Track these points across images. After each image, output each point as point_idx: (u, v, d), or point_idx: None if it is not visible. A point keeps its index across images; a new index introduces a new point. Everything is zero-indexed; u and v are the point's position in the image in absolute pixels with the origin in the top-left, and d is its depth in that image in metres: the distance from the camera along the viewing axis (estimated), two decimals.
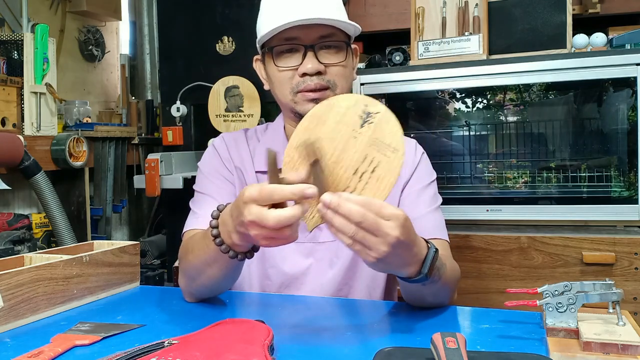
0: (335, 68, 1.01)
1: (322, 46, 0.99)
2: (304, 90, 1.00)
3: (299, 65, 0.99)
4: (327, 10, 0.99)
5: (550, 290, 0.76)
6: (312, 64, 0.98)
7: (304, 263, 1.08)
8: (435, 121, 1.94)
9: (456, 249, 1.74)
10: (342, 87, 1.03)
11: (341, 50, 1.02)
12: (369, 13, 2.29)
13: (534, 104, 1.83)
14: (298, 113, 1.03)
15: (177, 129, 2.40)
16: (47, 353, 0.71)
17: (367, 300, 1.09)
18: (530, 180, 1.81)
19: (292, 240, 0.72)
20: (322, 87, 1.00)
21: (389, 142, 0.74)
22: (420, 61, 1.92)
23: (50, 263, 0.91)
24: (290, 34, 0.98)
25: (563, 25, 1.84)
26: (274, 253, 1.08)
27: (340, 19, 0.99)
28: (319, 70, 0.99)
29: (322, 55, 0.99)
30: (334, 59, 1.01)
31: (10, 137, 1.96)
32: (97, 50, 2.90)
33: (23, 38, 2.12)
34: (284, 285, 1.08)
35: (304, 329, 0.84)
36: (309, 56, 0.98)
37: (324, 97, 1.00)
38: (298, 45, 0.99)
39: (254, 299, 1.05)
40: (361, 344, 0.77)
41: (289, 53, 1.00)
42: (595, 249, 1.62)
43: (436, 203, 1.12)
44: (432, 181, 1.13)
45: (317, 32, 0.98)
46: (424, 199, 1.10)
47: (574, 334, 0.74)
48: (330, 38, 0.99)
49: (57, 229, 2.13)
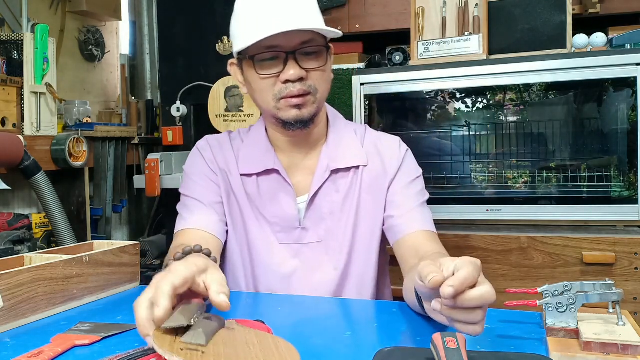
0: (316, 73, 1.01)
1: (302, 52, 0.99)
2: (287, 96, 1.00)
3: (281, 73, 0.99)
4: (307, 16, 0.99)
5: (550, 290, 0.76)
6: (295, 71, 0.98)
7: (290, 264, 1.08)
8: (435, 121, 1.94)
9: (456, 248, 1.74)
10: (322, 90, 1.03)
11: (321, 54, 1.02)
12: (369, 13, 2.29)
13: (534, 104, 1.83)
14: (281, 119, 1.03)
15: (177, 129, 2.40)
16: (47, 353, 0.71)
17: (367, 300, 1.09)
18: (530, 180, 1.81)
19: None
20: (304, 92, 1.00)
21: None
22: (420, 61, 1.92)
23: (50, 263, 0.91)
24: (271, 42, 0.97)
25: (563, 25, 1.84)
26: (261, 254, 1.09)
27: (320, 24, 0.99)
28: (301, 77, 0.99)
29: (303, 61, 0.99)
30: (315, 64, 1.01)
31: (10, 137, 1.96)
32: (97, 50, 2.90)
33: (23, 38, 2.12)
34: (273, 285, 1.08)
35: (304, 329, 0.84)
36: (291, 63, 0.98)
37: (305, 102, 1.01)
38: (279, 53, 0.98)
39: (254, 299, 1.05)
40: (361, 344, 0.77)
41: (270, 61, 1.00)
42: (595, 249, 1.62)
43: (424, 197, 1.12)
44: (418, 176, 1.14)
45: (298, 39, 0.98)
46: (412, 193, 1.10)
47: (574, 334, 0.73)
48: (311, 44, 0.99)
49: (57, 229, 2.13)
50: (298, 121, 1.02)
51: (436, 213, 1.84)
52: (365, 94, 1.90)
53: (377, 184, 1.10)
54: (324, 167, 1.08)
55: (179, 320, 0.63)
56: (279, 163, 1.09)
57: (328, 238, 1.08)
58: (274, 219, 1.09)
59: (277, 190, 1.09)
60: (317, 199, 1.08)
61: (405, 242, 1.05)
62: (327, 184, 1.08)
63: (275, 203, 1.08)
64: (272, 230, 1.09)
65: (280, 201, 1.08)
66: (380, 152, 1.12)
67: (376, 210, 1.10)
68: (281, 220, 1.08)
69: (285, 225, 1.09)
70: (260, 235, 1.09)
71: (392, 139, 1.16)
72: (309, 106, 1.02)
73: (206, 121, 2.29)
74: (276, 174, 1.09)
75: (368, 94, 1.91)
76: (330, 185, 1.09)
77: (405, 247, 1.05)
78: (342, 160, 1.09)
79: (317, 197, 1.08)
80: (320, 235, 1.08)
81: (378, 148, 1.13)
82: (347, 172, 1.10)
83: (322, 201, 1.08)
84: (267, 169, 1.09)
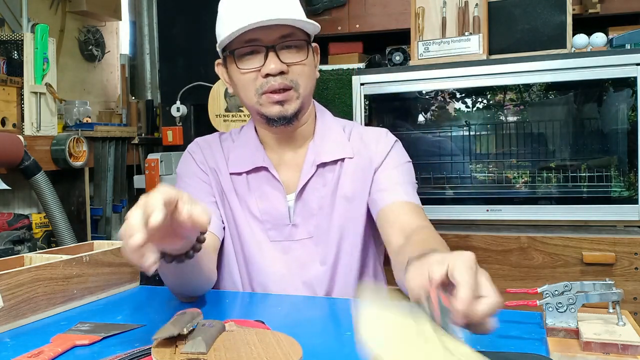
0: (297, 67, 1.02)
1: (283, 46, 1.00)
2: (268, 91, 1.01)
3: (262, 67, 1.00)
4: (286, 10, 1.00)
5: (550, 290, 0.76)
6: (275, 64, 0.99)
7: (281, 260, 1.08)
8: (435, 121, 1.94)
9: (456, 248, 1.74)
10: (305, 86, 1.04)
11: (302, 49, 1.02)
12: (369, 13, 2.29)
13: (534, 104, 1.83)
14: (264, 115, 1.04)
15: (177, 129, 2.40)
16: (47, 353, 0.71)
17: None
18: (530, 180, 1.81)
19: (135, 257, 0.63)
20: (285, 87, 1.01)
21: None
22: (420, 61, 1.92)
23: (50, 263, 0.91)
24: (250, 36, 0.98)
25: (563, 25, 1.84)
26: (253, 251, 1.09)
27: (300, 18, 0.99)
28: (281, 70, 0.99)
29: (283, 55, 1.00)
30: (296, 58, 1.01)
31: (10, 137, 1.96)
32: (97, 50, 2.90)
33: (23, 38, 2.12)
34: (266, 283, 1.09)
35: (304, 329, 0.84)
36: (271, 56, 0.99)
37: (288, 97, 1.01)
38: (259, 47, 0.99)
39: (253, 299, 1.05)
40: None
41: (250, 55, 1.01)
42: (595, 249, 1.62)
43: (411, 181, 1.11)
44: (406, 162, 1.13)
45: (278, 32, 0.99)
46: (400, 174, 1.09)
47: (574, 334, 0.73)
48: (291, 38, 1.00)
49: (57, 229, 2.13)
50: (281, 117, 1.03)
51: (436, 213, 1.85)
52: (365, 94, 1.90)
53: (363, 175, 1.10)
54: (310, 162, 1.09)
55: (169, 330, 0.63)
56: (268, 160, 1.10)
57: (318, 233, 1.09)
58: (265, 216, 1.09)
59: (266, 187, 1.09)
60: (305, 194, 1.09)
61: (386, 214, 1.04)
62: (314, 178, 1.09)
63: (265, 200, 1.09)
64: (263, 228, 1.09)
65: (270, 198, 1.09)
66: (366, 144, 1.12)
67: (363, 202, 1.10)
68: (272, 218, 1.09)
69: (276, 223, 1.09)
70: (252, 234, 1.10)
71: (378, 130, 1.16)
72: (292, 102, 1.02)
73: (206, 121, 2.29)
74: (265, 172, 1.09)
75: (368, 94, 1.91)
76: (317, 180, 1.09)
77: (387, 220, 1.03)
78: (327, 154, 1.10)
79: (304, 192, 1.09)
80: (310, 231, 1.09)
81: (364, 140, 1.13)
82: (333, 166, 1.10)
83: (311, 196, 1.09)
84: (256, 166, 1.10)
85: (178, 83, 2.38)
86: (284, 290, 1.07)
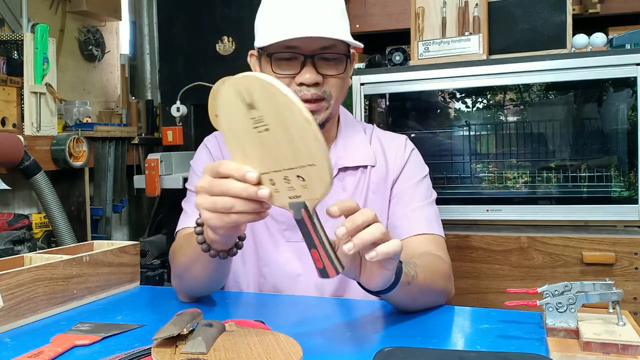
0: (333, 80, 1.00)
1: (321, 57, 0.98)
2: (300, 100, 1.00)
3: (297, 74, 0.98)
4: (331, 22, 0.97)
5: (550, 290, 0.76)
6: (310, 75, 0.97)
7: (297, 262, 1.08)
8: (435, 121, 1.94)
9: (456, 248, 1.74)
10: (336, 97, 1.02)
11: (341, 62, 1.00)
12: (369, 13, 2.29)
13: (534, 104, 1.83)
14: None
15: (177, 129, 2.40)
16: (47, 353, 0.71)
17: (367, 300, 1.09)
18: (530, 180, 1.81)
19: (237, 221, 0.69)
20: (318, 97, 0.99)
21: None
22: (420, 61, 1.92)
23: (50, 263, 0.91)
24: (291, 43, 0.96)
25: (563, 25, 1.84)
26: (267, 251, 1.09)
27: (343, 33, 0.97)
28: (317, 82, 0.98)
29: (321, 66, 0.98)
30: (333, 71, 0.99)
31: (10, 137, 1.96)
32: (97, 50, 2.90)
33: (23, 38, 2.12)
34: (279, 284, 1.08)
35: (304, 329, 0.84)
36: (308, 66, 0.97)
37: (319, 107, 1.00)
38: (298, 55, 0.97)
39: (254, 299, 1.05)
40: (361, 344, 0.77)
41: (288, 60, 0.99)
42: (595, 249, 1.62)
43: (430, 197, 1.11)
44: (424, 176, 1.13)
45: (319, 43, 0.97)
46: (417, 194, 1.10)
47: (574, 334, 0.73)
48: (331, 50, 0.98)
49: (57, 229, 2.13)
50: None
51: None
52: (365, 94, 1.90)
53: (382, 183, 1.10)
54: (332, 165, 1.08)
55: (169, 330, 0.64)
56: None
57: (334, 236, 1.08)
58: (281, 216, 1.08)
59: None
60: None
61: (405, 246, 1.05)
62: (334, 182, 1.08)
63: None
64: (279, 229, 1.09)
65: None
66: (385, 152, 1.12)
67: (382, 210, 1.10)
68: (287, 219, 1.08)
69: (292, 224, 1.08)
70: (267, 233, 1.09)
71: (397, 138, 1.16)
72: (322, 112, 1.01)
73: (206, 121, 2.29)
74: None
75: (368, 94, 1.91)
76: (337, 184, 1.09)
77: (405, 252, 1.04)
78: (350, 158, 1.09)
79: None
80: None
81: (383, 147, 1.13)
82: (355, 171, 1.10)
83: (329, 199, 1.08)
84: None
85: (178, 83, 2.38)
86: (294, 291, 1.07)
